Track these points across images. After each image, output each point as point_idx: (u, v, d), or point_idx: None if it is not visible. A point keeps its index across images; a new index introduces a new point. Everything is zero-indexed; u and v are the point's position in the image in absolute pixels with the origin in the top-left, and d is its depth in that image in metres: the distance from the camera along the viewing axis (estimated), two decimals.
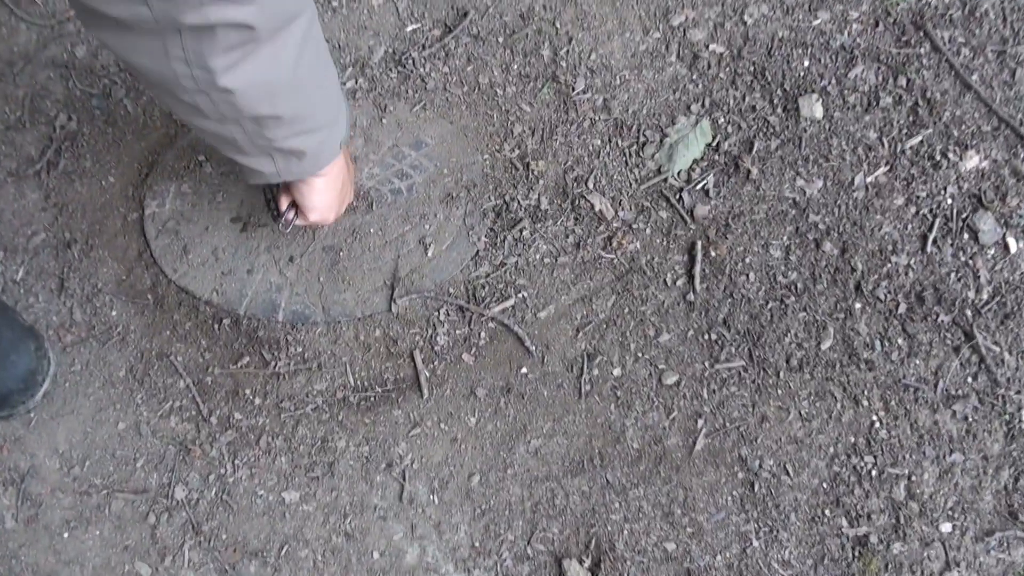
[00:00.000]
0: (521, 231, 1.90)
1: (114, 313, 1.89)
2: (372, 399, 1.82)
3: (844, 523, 1.71)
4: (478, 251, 1.89)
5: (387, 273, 1.87)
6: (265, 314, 1.86)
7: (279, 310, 1.86)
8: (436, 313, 1.86)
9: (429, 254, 1.88)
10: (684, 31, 2.02)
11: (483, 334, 1.85)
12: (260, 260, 1.89)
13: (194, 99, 1.24)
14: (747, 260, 1.86)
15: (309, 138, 1.43)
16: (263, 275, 1.88)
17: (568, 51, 2.02)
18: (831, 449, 1.75)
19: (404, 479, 1.78)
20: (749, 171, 1.91)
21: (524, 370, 1.82)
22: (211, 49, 1.16)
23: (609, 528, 1.73)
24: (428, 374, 1.83)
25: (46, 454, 1.81)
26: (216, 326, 1.88)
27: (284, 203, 1.72)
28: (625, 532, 1.73)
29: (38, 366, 1.81)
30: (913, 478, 1.73)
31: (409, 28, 2.05)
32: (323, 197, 1.63)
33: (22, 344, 1.80)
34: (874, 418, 1.77)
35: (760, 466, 1.75)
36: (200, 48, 1.15)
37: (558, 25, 2.04)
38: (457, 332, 1.85)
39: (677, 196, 1.91)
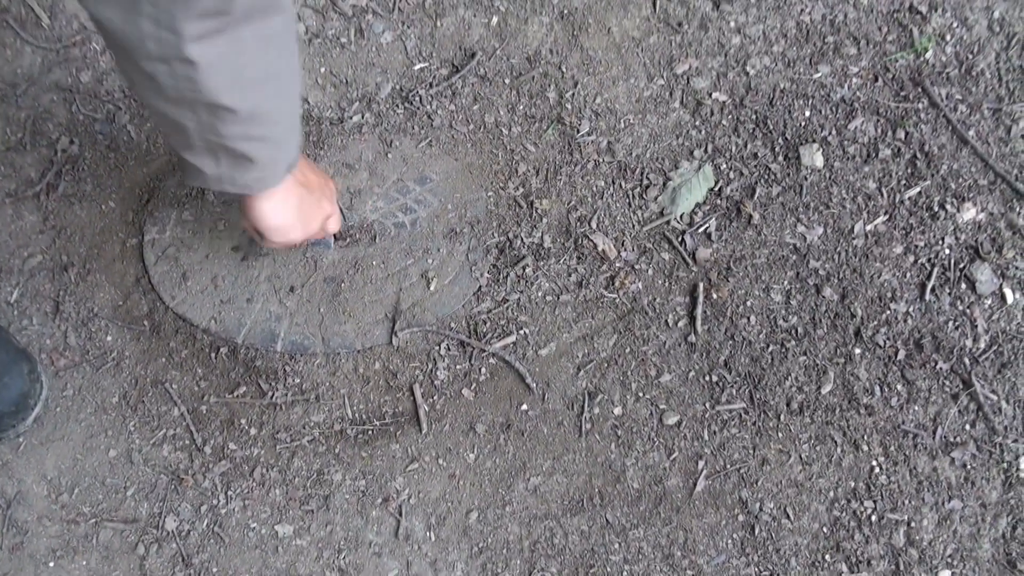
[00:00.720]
0: (524, 268, 1.90)
1: (109, 338, 1.86)
2: (370, 432, 1.80)
3: (844, 568, 1.71)
4: (480, 287, 1.88)
5: (388, 306, 1.86)
6: (264, 344, 1.84)
7: (278, 340, 1.84)
8: (437, 347, 1.85)
9: (431, 288, 1.87)
10: (688, 79, 2.04)
11: (484, 370, 1.83)
12: (260, 289, 1.88)
13: (154, 68, 1.17)
14: (748, 303, 1.87)
15: (261, 146, 1.36)
16: (263, 304, 1.86)
17: (574, 94, 2.03)
18: (831, 493, 1.75)
19: (400, 515, 1.75)
20: (751, 216, 1.93)
21: (524, 407, 1.81)
22: (184, 11, 1.10)
23: (608, 569, 1.71)
24: (427, 408, 1.81)
25: (34, 480, 1.77)
26: (213, 355, 1.85)
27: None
28: (624, 574, 1.71)
29: (30, 389, 1.78)
30: (912, 524, 1.73)
31: (417, 67, 2.06)
32: (274, 219, 1.55)
33: (15, 367, 1.76)
34: (874, 463, 1.77)
35: (761, 509, 1.74)
36: (173, 7, 1.09)
37: (564, 69, 2.05)
38: (458, 367, 1.84)
39: (679, 238, 1.92)
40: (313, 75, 2.03)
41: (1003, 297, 1.86)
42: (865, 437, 1.78)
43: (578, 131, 2.01)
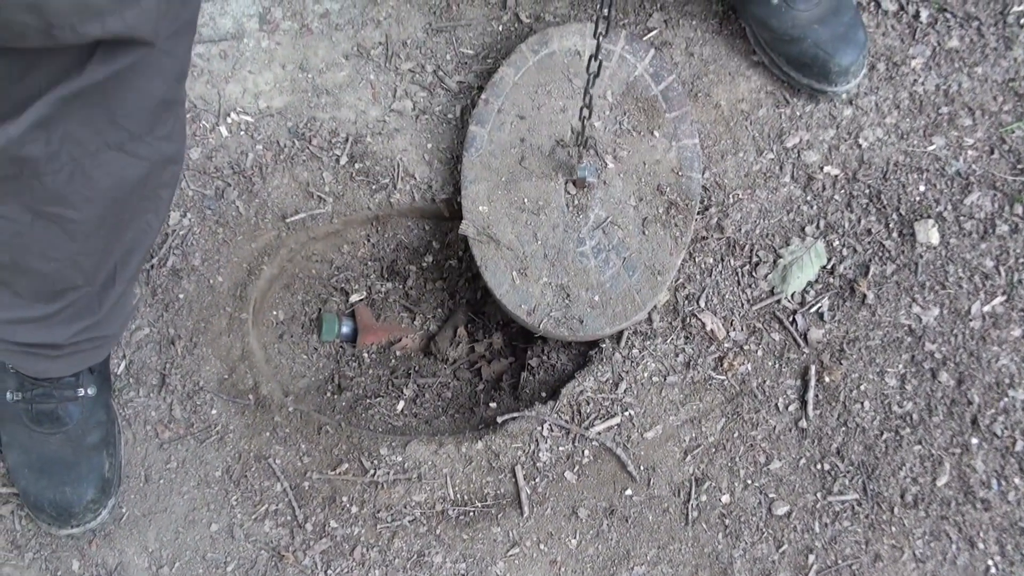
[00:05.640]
0: (630, 348, 1.87)
1: (214, 412, 1.87)
2: (471, 514, 1.78)
3: None
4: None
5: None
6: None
7: None
8: (539, 428, 1.83)
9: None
10: (798, 152, 2.00)
11: (587, 452, 1.81)
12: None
13: None
14: (862, 387, 1.82)
15: None
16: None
17: None
18: None
19: None
20: (865, 296, 1.87)
21: (629, 492, 1.78)
22: None
23: None
24: (529, 491, 1.79)
25: (135, 552, 1.78)
26: (316, 431, 1.85)
27: None
28: None
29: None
30: None
31: None
32: None
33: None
34: (990, 562, 1.71)
35: None
36: None
37: None
38: (560, 448, 1.81)
39: (790, 318, 1.88)
40: (420, 151, 2.02)
41: None
42: (981, 534, 1.72)
43: None
